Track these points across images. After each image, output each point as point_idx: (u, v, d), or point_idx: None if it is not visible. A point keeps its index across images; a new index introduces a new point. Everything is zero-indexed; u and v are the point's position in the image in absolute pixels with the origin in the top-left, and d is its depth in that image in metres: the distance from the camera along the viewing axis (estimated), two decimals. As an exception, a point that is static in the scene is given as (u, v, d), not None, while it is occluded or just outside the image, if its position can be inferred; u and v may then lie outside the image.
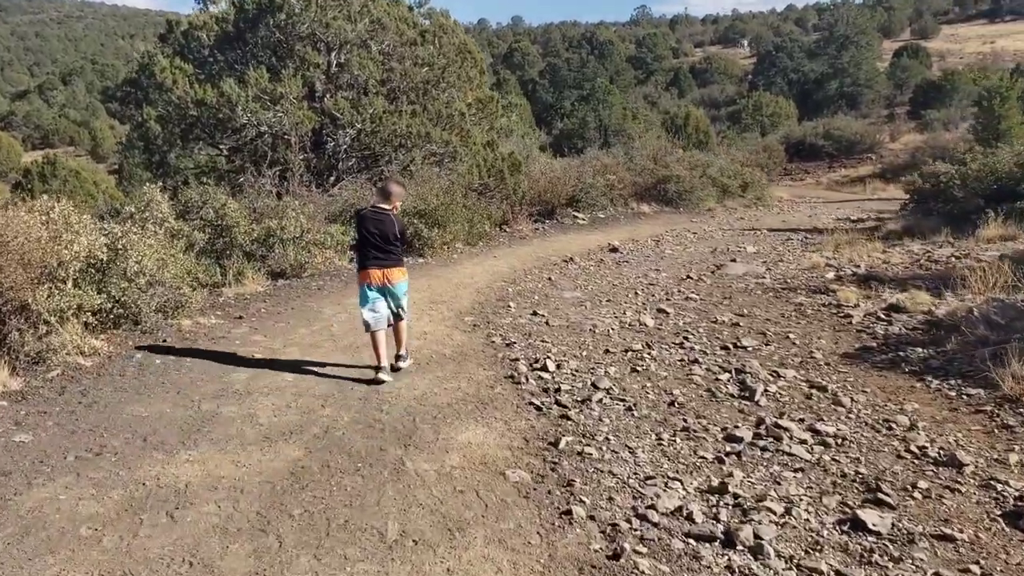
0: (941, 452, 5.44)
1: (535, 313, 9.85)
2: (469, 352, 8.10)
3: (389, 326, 7.30)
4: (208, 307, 9.51)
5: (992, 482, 4.98)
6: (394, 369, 7.32)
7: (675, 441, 5.77)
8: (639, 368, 7.57)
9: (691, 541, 4.37)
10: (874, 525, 4.42)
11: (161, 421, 5.90)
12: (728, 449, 5.62)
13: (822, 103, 56.03)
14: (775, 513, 4.63)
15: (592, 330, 9.04)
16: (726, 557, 4.20)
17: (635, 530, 4.49)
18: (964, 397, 6.51)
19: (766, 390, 6.89)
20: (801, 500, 4.81)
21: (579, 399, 6.65)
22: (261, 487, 4.88)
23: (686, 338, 8.68)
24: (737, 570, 4.07)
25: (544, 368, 7.48)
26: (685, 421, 6.19)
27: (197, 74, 16.88)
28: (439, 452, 5.50)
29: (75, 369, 7.00)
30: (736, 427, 6.03)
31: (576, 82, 67.00)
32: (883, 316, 9.28)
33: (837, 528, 4.48)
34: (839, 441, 5.71)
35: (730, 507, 4.75)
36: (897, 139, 48.18)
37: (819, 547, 4.28)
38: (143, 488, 4.80)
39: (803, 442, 5.71)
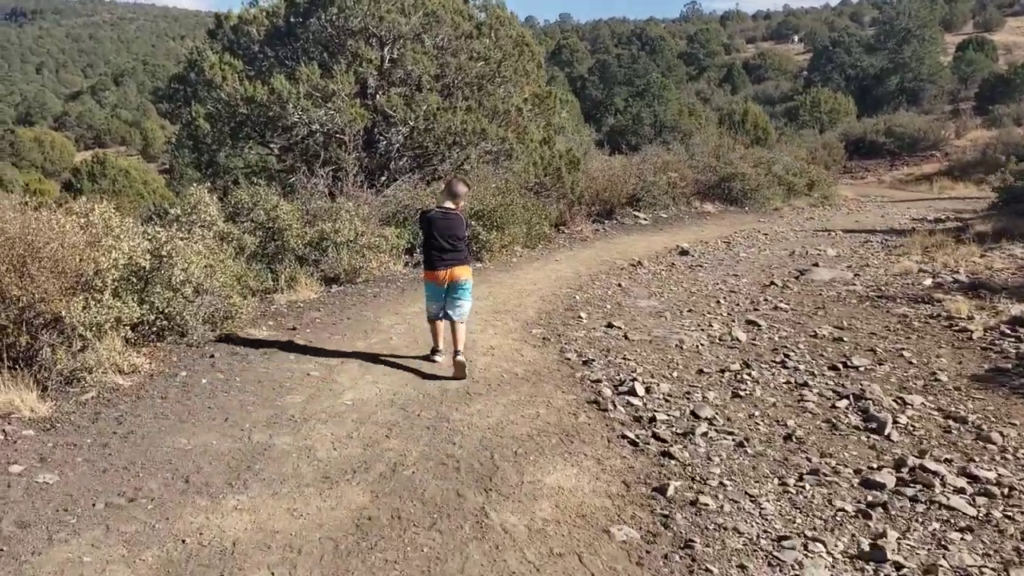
0: None
1: (610, 325, 8.97)
2: (543, 371, 7.26)
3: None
4: (259, 316, 8.78)
5: None
6: (457, 365, 6.98)
7: (803, 487, 4.88)
8: (741, 392, 6.67)
9: (857, 631, 3.50)
10: (1093, 616, 3.51)
11: (206, 456, 5.14)
12: (870, 498, 4.72)
13: (881, 99, 54.18)
14: (954, 592, 3.74)
15: (679, 346, 8.15)
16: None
17: (783, 614, 3.62)
18: None
19: (895, 421, 5.95)
20: (983, 574, 3.90)
21: (679, 431, 5.78)
22: (322, 545, 4.08)
23: (787, 356, 7.75)
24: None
25: (632, 392, 6.62)
26: (809, 461, 5.29)
27: (247, 70, 16.31)
28: (527, 500, 4.67)
29: (112, 390, 6.29)
30: (872, 469, 5.12)
31: (627, 78, 65.88)
32: (1008, 331, 8.26)
33: (1042, 617, 3.58)
34: (1006, 491, 4.78)
35: (894, 582, 3.86)
36: (963, 136, 46.30)
37: (1026, 645, 3.38)
38: (183, 547, 4.02)
39: (960, 491, 4.79)
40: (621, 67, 67.80)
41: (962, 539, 4.23)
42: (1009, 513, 4.50)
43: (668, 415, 6.10)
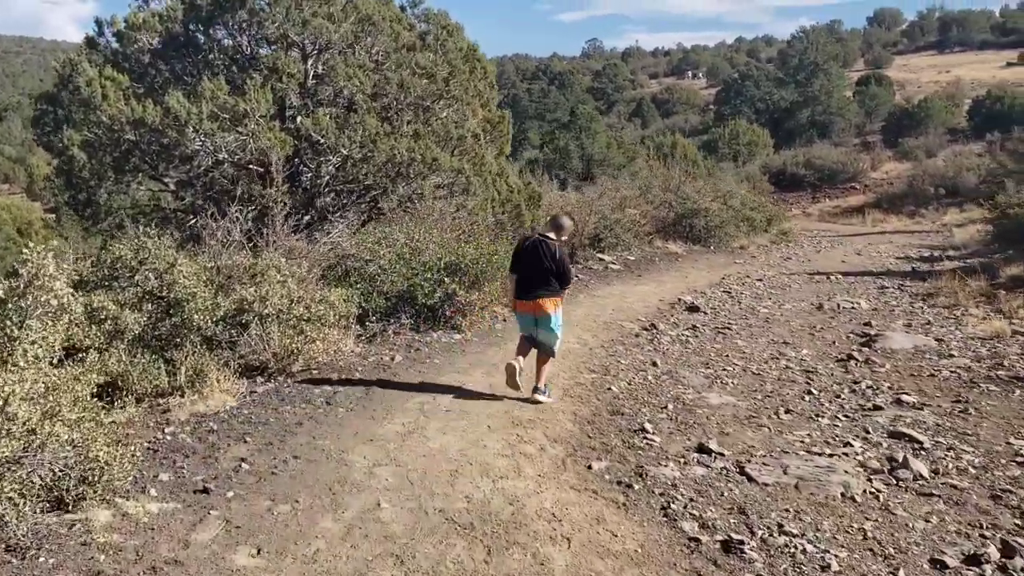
0: None
1: (704, 449, 5.69)
2: None
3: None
4: (146, 459, 5.16)
5: None
6: (531, 401, 6.71)
7: None
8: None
9: None
10: None
11: None
12: None
13: (793, 132, 53.10)
14: None
15: (848, 496, 4.93)
16: None
17: None
18: None
19: None
20: None
21: None
22: None
23: (1037, 515, 4.64)
24: None
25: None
26: None
27: (134, 87, 12.57)
28: None
29: None
30: None
31: (538, 112, 63.77)
32: None
33: None
34: None
35: None
36: (878, 168, 45.35)
37: None
38: None
39: None
40: (532, 101, 65.49)
41: None
42: None
43: None
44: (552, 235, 6.76)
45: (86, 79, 12.10)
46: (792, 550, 4.19)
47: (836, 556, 4.12)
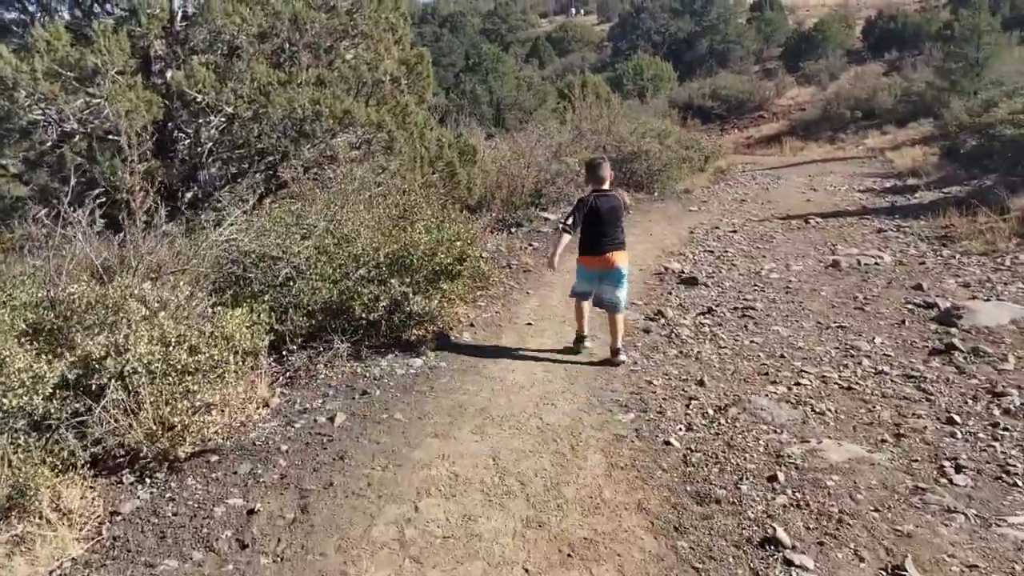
0: None
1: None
2: None
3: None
4: None
5: None
6: (612, 363, 6.17)
7: None
8: None
9: None
10: None
11: None
12: None
13: (693, 64, 51.18)
14: None
15: None
16: None
17: None
18: None
19: None
20: None
21: None
22: None
23: None
24: None
25: None
26: None
27: (-56, 43, 9.30)
28: None
29: None
30: None
31: (433, 58, 59.89)
32: None
33: None
34: None
35: None
36: (783, 94, 43.93)
37: None
38: None
39: None
40: (425, 45, 61.69)
41: None
42: None
43: None
44: (606, 187, 6.27)
45: None
46: None
47: None
